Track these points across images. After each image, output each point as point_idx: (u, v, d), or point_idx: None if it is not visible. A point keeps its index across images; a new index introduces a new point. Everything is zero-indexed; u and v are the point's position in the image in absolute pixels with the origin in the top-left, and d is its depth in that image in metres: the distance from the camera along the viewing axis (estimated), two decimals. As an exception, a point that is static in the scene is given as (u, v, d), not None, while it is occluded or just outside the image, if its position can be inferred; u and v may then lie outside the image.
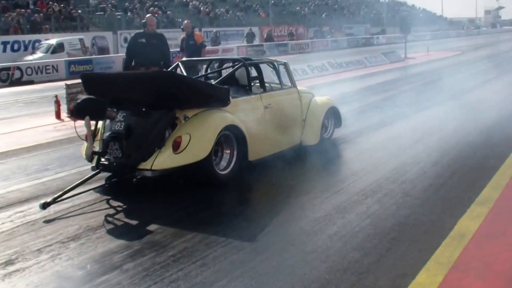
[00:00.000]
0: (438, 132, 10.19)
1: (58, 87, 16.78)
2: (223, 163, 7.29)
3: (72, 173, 8.00)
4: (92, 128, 6.97)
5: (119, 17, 38.49)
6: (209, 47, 36.36)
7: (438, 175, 7.37)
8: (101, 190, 7.04)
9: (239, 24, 48.35)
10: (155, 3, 42.95)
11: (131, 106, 7.04)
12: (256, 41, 44.32)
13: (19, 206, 6.64)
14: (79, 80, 9.23)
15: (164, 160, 6.67)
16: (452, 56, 32.82)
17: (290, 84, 8.90)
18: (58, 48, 29.92)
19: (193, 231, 5.58)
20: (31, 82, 24.21)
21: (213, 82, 7.95)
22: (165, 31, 38.97)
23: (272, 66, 8.92)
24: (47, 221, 6.06)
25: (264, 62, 8.92)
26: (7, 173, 8.30)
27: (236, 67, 8.19)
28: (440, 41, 56.67)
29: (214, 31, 40.84)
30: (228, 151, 7.34)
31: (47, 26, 33.41)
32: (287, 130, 8.52)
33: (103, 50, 34.62)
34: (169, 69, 8.78)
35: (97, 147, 7.08)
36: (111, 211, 6.41)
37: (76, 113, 6.73)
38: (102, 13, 38.57)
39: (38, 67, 25.22)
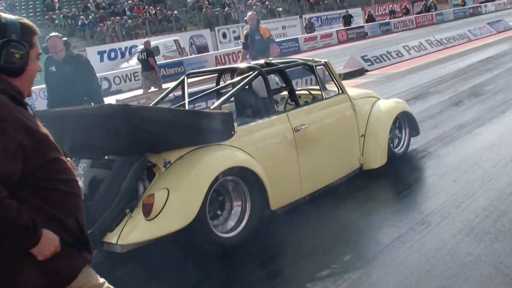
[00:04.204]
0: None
1: (140, 97, 14.56)
2: (231, 222, 4.86)
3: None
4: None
5: (216, 13, 36.42)
6: (305, 35, 33.78)
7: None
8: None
9: (340, 7, 44.66)
10: (254, -5, 40.42)
11: (92, 153, 4.76)
12: (359, 23, 40.82)
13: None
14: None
15: (133, 230, 4.36)
16: None
17: (337, 90, 6.25)
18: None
19: None
20: (119, 92, 22.62)
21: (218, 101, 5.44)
22: (265, 22, 36.94)
23: (307, 68, 6.28)
24: None
25: (294, 65, 6.26)
26: None
27: (249, 77, 5.51)
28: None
29: (307, 17, 37.88)
30: (239, 203, 4.90)
31: (143, 30, 32.01)
32: (336, 154, 5.90)
33: (202, 49, 32.42)
34: (178, 81, 6.11)
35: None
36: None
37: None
38: (198, 11, 36.66)
39: (126, 75, 23.45)
